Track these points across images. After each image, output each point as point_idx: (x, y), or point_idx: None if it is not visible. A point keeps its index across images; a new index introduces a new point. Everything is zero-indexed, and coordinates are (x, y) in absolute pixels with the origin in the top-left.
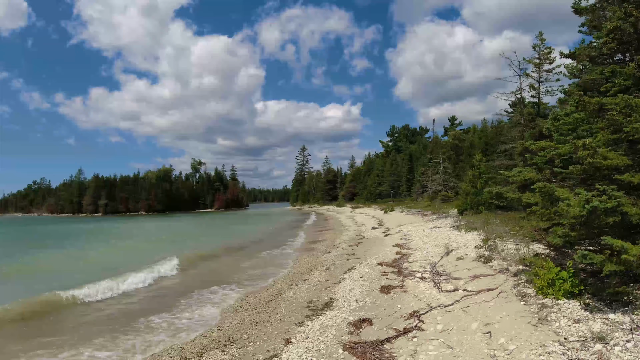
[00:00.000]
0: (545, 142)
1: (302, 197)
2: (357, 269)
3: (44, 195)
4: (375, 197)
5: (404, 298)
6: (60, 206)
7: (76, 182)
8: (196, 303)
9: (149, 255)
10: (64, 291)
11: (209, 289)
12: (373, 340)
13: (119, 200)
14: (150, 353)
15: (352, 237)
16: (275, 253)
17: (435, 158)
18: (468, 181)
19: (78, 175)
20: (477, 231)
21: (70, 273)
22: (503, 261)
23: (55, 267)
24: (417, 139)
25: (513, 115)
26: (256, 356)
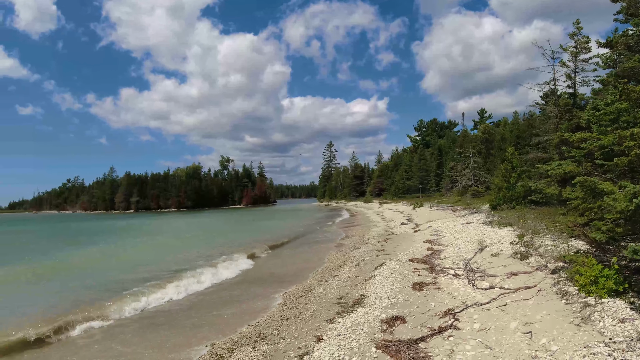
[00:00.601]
0: (586, 134)
1: (329, 193)
2: (388, 265)
3: (77, 193)
4: (403, 193)
5: (437, 295)
6: (94, 203)
7: (108, 180)
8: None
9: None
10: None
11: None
12: (407, 339)
13: (150, 197)
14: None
15: (380, 232)
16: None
17: (464, 152)
18: (500, 175)
19: (110, 174)
20: (512, 227)
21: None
22: (541, 258)
23: (142, 261)
24: (445, 133)
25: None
26: (287, 353)
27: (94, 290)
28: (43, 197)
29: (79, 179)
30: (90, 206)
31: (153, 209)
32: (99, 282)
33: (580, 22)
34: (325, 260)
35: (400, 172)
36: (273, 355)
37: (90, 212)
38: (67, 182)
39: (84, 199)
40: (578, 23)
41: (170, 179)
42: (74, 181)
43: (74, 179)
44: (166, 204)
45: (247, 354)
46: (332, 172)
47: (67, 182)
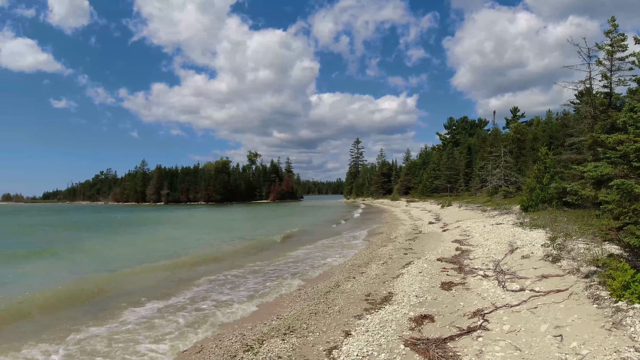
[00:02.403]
0: (622, 135)
1: (356, 189)
2: (416, 263)
3: (110, 185)
4: (431, 192)
5: (466, 296)
6: (125, 195)
7: (140, 173)
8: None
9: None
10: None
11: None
12: (435, 337)
13: (179, 190)
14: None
15: (408, 231)
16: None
17: (495, 151)
18: (532, 176)
19: (142, 166)
20: (543, 229)
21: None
22: (573, 261)
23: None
24: (476, 132)
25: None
26: (316, 346)
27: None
28: (76, 188)
29: (111, 171)
30: (122, 198)
31: (182, 202)
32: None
33: (616, 20)
34: (352, 256)
35: (428, 171)
36: (302, 348)
37: (122, 203)
38: (100, 174)
39: (116, 191)
40: (613, 20)
41: (200, 173)
42: (107, 173)
43: (106, 171)
44: (195, 197)
45: (276, 346)
46: (359, 169)
47: (100, 174)
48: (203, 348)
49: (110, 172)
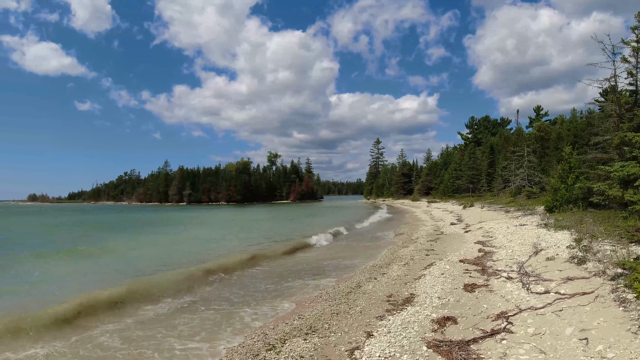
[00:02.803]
0: None
1: (376, 190)
2: (438, 265)
3: (133, 185)
4: (452, 192)
5: (489, 298)
6: (149, 195)
7: (163, 173)
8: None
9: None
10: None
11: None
12: (459, 339)
13: (201, 190)
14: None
15: (429, 232)
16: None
17: (519, 151)
18: (557, 176)
19: (164, 167)
20: (568, 230)
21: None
22: (599, 263)
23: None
24: (498, 131)
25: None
26: (338, 347)
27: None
28: (101, 189)
29: (135, 172)
30: (145, 198)
31: (204, 202)
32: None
33: None
34: (373, 257)
35: (449, 171)
36: (324, 348)
37: (145, 203)
38: (124, 175)
39: (140, 191)
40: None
41: (221, 174)
42: (130, 174)
43: (130, 171)
44: (216, 198)
45: (298, 345)
46: (379, 170)
47: (124, 174)
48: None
49: (133, 173)
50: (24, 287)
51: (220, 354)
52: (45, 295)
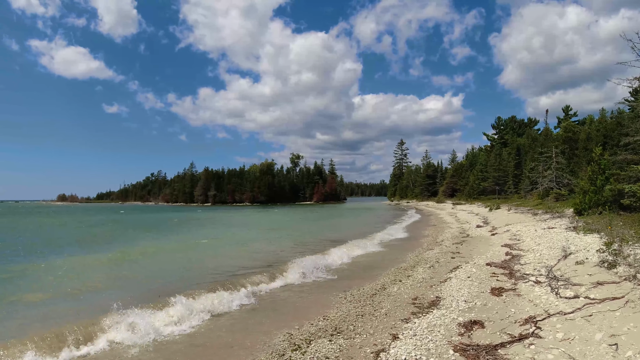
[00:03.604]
0: None
1: (400, 191)
2: (464, 268)
3: (160, 186)
4: (478, 194)
5: (517, 302)
6: (174, 196)
7: (189, 175)
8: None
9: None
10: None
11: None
12: (486, 344)
13: (226, 191)
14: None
15: (455, 234)
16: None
17: (546, 152)
18: (586, 178)
19: (190, 168)
20: (598, 233)
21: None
22: (630, 267)
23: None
24: (525, 131)
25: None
26: (363, 348)
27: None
28: (128, 189)
29: (161, 173)
30: (171, 198)
31: (228, 202)
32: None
33: None
34: (398, 259)
35: (475, 172)
36: (349, 349)
37: (171, 204)
38: (151, 176)
39: (166, 192)
40: None
41: (245, 175)
42: (157, 175)
43: (156, 172)
44: (241, 198)
45: (324, 346)
46: (403, 171)
47: (151, 175)
48: (251, 345)
49: (160, 174)
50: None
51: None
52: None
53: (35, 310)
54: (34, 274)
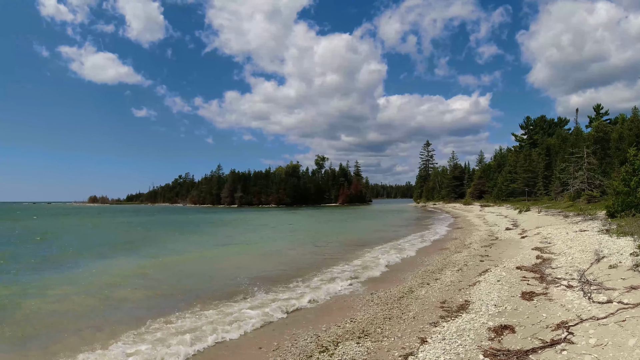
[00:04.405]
0: None
1: (426, 193)
2: (493, 271)
3: (188, 188)
4: (506, 196)
5: (548, 307)
6: (202, 198)
7: (215, 177)
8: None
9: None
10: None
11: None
12: (517, 349)
13: (252, 193)
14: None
15: (483, 237)
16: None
17: (577, 152)
18: (619, 179)
19: (217, 171)
20: (632, 236)
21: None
22: None
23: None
24: (555, 131)
25: None
26: (391, 352)
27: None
28: (157, 191)
29: (189, 175)
30: (199, 200)
31: (254, 204)
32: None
33: None
34: (425, 262)
35: (503, 174)
36: (377, 352)
37: (198, 205)
38: (179, 178)
39: (194, 194)
40: None
41: (271, 177)
42: (185, 177)
43: (184, 174)
44: (267, 200)
45: (351, 348)
46: (429, 172)
47: (179, 177)
48: (279, 346)
49: (188, 176)
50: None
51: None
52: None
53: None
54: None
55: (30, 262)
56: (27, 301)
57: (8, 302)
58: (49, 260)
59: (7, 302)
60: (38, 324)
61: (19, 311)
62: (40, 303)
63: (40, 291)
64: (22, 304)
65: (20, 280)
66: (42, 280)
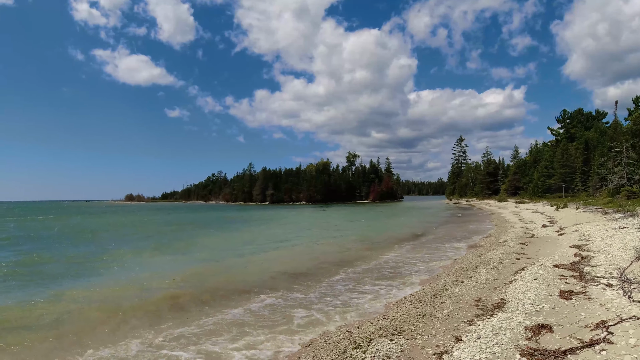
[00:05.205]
0: None
1: (459, 190)
2: (530, 269)
3: (220, 186)
4: (542, 192)
5: (587, 306)
6: (234, 195)
7: (247, 175)
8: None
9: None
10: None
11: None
12: (554, 349)
13: (283, 190)
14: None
15: (519, 234)
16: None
17: (616, 146)
18: None
19: (249, 169)
20: None
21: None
22: None
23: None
24: (593, 125)
25: None
26: (425, 350)
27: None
28: (191, 189)
29: (221, 173)
30: (231, 198)
31: (286, 201)
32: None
33: None
34: (459, 260)
35: (539, 169)
36: (411, 350)
37: (231, 203)
38: (212, 176)
39: (226, 192)
40: None
41: (302, 174)
42: (217, 175)
43: (217, 173)
44: (297, 198)
45: (384, 346)
46: (462, 168)
47: (212, 175)
48: (312, 342)
49: (220, 174)
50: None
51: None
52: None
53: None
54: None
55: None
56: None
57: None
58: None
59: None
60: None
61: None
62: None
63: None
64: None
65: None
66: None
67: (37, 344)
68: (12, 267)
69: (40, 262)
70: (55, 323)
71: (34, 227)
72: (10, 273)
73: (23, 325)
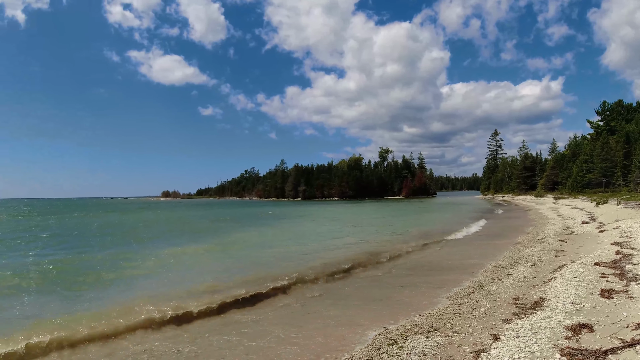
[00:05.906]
0: None
1: (495, 185)
2: (569, 267)
3: (253, 182)
4: (582, 187)
5: (629, 305)
6: (267, 192)
7: (280, 171)
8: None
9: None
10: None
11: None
12: (595, 349)
13: (315, 186)
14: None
15: (558, 231)
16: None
17: None
18: None
19: (281, 165)
20: None
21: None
22: None
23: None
24: (634, 117)
25: None
26: (462, 347)
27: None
28: (225, 186)
29: (254, 170)
30: (264, 194)
31: (317, 197)
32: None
33: None
34: (496, 257)
35: (578, 163)
36: (447, 347)
37: (264, 199)
38: (245, 173)
39: (259, 188)
40: None
41: (334, 170)
42: (250, 171)
43: (250, 169)
44: (329, 193)
45: (420, 343)
46: (497, 163)
47: (245, 172)
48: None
49: (253, 171)
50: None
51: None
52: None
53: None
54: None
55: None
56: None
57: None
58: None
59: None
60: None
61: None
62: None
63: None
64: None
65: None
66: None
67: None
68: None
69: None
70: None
71: (82, 224)
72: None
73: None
